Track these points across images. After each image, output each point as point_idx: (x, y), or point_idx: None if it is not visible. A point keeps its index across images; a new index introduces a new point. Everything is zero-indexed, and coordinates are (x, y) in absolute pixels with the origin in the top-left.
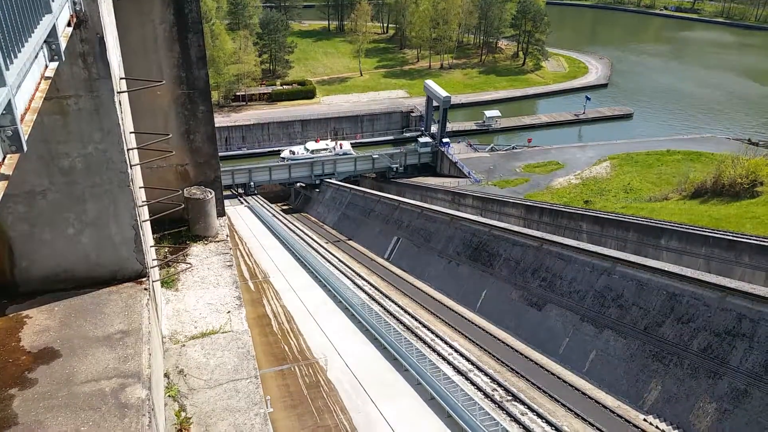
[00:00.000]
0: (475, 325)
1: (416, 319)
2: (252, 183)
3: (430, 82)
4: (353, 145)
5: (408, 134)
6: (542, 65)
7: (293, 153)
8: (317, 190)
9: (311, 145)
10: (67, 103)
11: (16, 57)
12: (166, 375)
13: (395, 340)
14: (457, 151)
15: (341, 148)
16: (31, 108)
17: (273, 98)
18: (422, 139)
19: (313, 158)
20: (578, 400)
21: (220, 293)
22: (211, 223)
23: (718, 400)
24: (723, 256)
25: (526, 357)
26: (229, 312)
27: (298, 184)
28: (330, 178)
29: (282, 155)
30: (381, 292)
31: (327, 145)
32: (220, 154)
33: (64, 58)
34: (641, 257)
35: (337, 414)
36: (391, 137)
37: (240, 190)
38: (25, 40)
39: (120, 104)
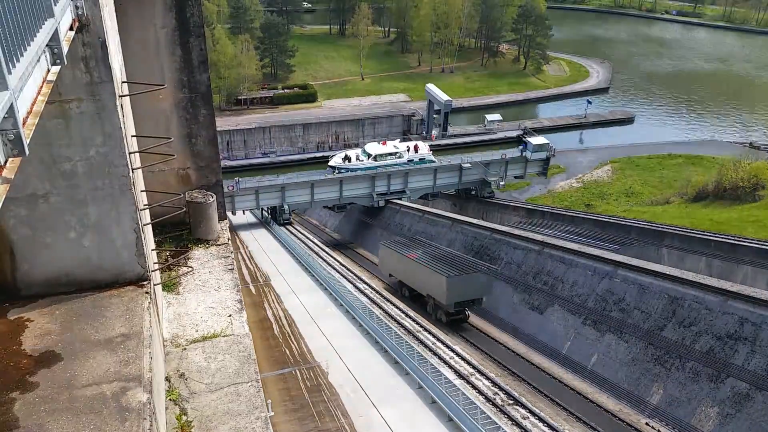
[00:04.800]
0: (477, 328)
1: (417, 323)
2: (286, 206)
3: (431, 86)
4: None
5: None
6: (543, 69)
7: (347, 160)
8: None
9: (373, 147)
10: (69, 106)
11: (18, 61)
12: (168, 379)
13: (396, 344)
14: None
15: (416, 152)
16: (33, 112)
17: (275, 102)
18: (534, 140)
19: (376, 167)
20: (580, 404)
21: (221, 297)
22: (212, 226)
23: (720, 404)
24: (725, 259)
25: (528, 360)
26: (230, 315)
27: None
28: (399, 197)
29: (331, 163)
30: (382, 296)
31: (396, 147)
32: (237, 163)
33: (66, 62)
34: (642, 261)
35: (338, 418)
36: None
37: (265, 212)
38: (27, 44)
39: (122, 108)
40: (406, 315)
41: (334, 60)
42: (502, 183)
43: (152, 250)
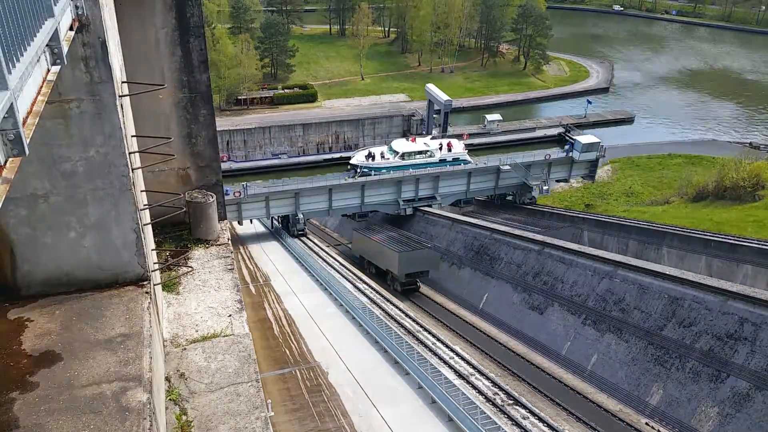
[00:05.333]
0: (477, 328)
1: (417, 323)
2: (300, 215)
3: (431, 86)
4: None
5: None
6: (543, 69)
7: (371, 157)
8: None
9: (401, 144)
10: (69, 106)
11: (18, 61)
12: (167, 378)
13: (396, 344)
14: None
15: (450, 150)
16: (33, 111)
17: (275, 102)
18: (582, 138)
19: (404, 167)
20: (580, 404)
21: (221, 297)
22: (212, 226)
23: (720, 404)
24: (725, 259)
25: (528, 360)
26: (230, 315)
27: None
28: (429, 204)
29: (353, 161)
30: (382, 296)
31: (427, 144)
32: (244, 165)
33: (66, 62)
34: (642, 261)
35: (338, 418)
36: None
37: (276, 221)
38: (27, 44)
39: (122, 108)
40: (406, 315)
41: (334, 60)
42: (546, 188)
43: (152, 250)
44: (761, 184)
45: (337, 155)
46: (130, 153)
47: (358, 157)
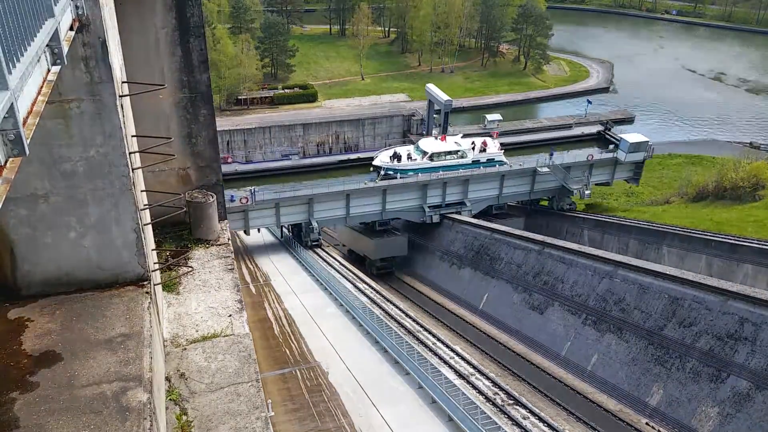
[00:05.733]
0: (477, 328)
1: (417, 323)
2: (315, 224)
3: (431, 86)
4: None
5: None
6: (543, 69)
7: (396, 158)
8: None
9: (429, 144)
10: (69, 106)
11: (18, 61)
12: (168, 378)
13: (396, 344)
14: None
15: (485, 149)
16: (33, 112)
17: (275, 102)
18: (630, 137)
19: (433, 169)
20: (580, 404)
21: (221, 297)
22: (212, 226)
23: (720, 404)
24: (725, 259)
25: (528, 360)
26: (230, 315)
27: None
28: (458, 211)
29: (376, 162)
30: (382, 296)
31: (458, 144)
32: (249, 167)
33: (66, 62)
34: (642, 261)
35: (338, 417)
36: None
37: (286, 230)
38: (27, 44)
39: (122, 108)
40: (406, 315)
41: (334, 60)
42: (587, 192)
43: (152, 250)
44: (761, 184)
45: (354, 156)
46: (130, 153)
47: (382, 158)
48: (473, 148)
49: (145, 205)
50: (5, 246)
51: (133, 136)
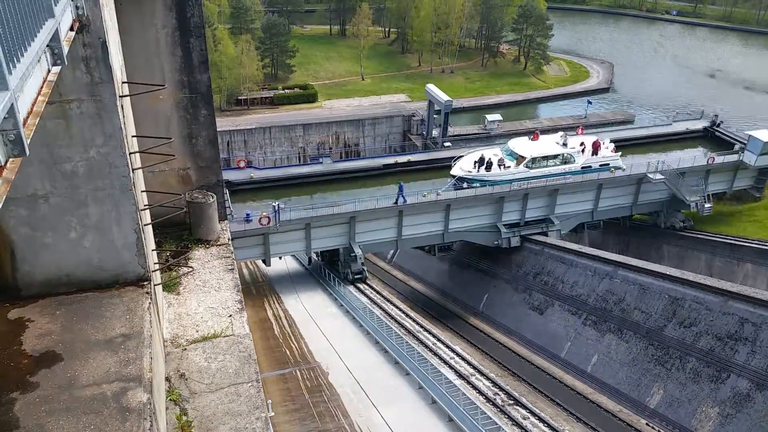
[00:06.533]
0: (477, 329)
1: (417, 323)
2: (358, 250)
3: (431, 86)
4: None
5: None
6: (544, 69)
7: (484, 166)
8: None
9: (524, 145)
10: (70, 107)
11: (18, 61)
12: (168, 379)
13: (396, 344)
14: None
15: (596, 152)
16: (33, 112)
17: (275, 102)
18: (761, 134)
19: (533, 177)
20: (580, 404)
21: (221, 297)
22: (212, 227)
23: (721, 404)
24: (725, 259)
25: (528, 361)
26: (230, 316)
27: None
28: (544, 230)
29: (455, 172)
30: (382, 296)
31: (563, 145)
32: (269, 174)
33: (66, 63)
34: (643, 261)
35: (338, 418)
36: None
37: (315, 256)
38: (27, 45)
39: (122, 108)
40: (407, 315)
41: (335, 60)
42: (708, 206)
43: (152, 250)
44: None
45: (403, 159)
46: (130, 153)
47: (464, 165)
48: (581, 151)
49: (145, 205)
50: (5, 246)
51: (133, 136)
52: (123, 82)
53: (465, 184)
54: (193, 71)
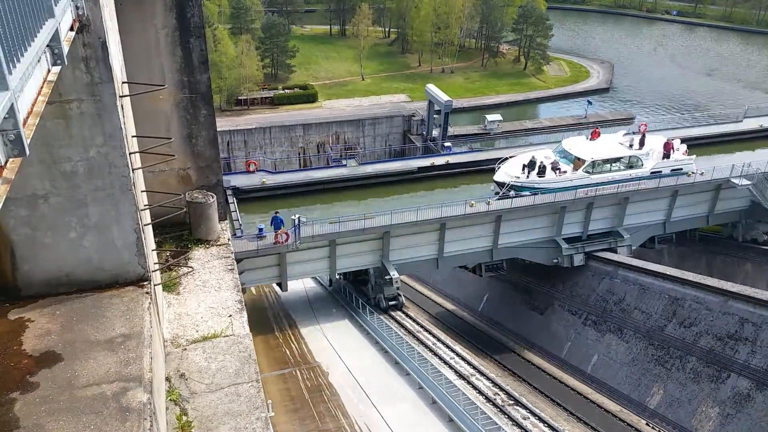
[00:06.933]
0: (477, 329)
1: (418, 323)
2: (393, 272)
3: (431, 86)
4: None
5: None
6: (544, 69)
7: (535, 170)
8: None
9: (583, 147)
10: (70, 107)
11: (18, 61)
12: (168, 379)
13: (397, 344)
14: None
15: (668, 155)
16: (33, 112)
17: (275, 102)
18: None
19: (592, 184)
20: (580, 405)
21: (221, 297)
22: (212, 227)
23: (721, 404)
24: (725, 259)
25: (528, 361)
26: (230, 316)
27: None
28: (612, 246)
29: (499, 177)
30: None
31: (631, 146)
32: (285, 179)
33: (66, 63)
34: (642, 261)
35: (338, 418)
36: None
37: (336, 278)
38: (27, 45)
39: (122, 108)
40: (406, 315)
41: (335, 60)
42: None
43: (152, 250)
44: None
45: (441, 160)
46: (130, 153)
47: (511, 170)
48: (649, 153)
49: (145, 205)
50: (5, 246)
51: (133, 136)
52: (123, 82)
53: (512, 193)
54: (193, 71)
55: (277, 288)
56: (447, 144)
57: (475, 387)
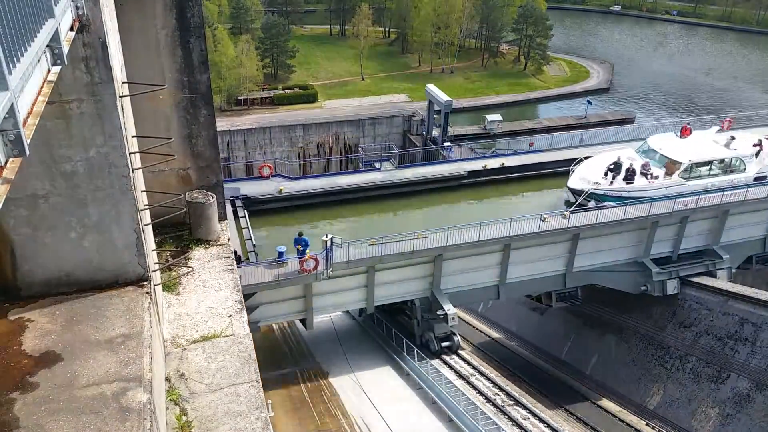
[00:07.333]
0: (477, 329)
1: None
2: (448, 307)
3: (431, 86)
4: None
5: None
6: (544, 69)
7: (622, 176)
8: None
9: (673, 147)
10: (70, 107)
11: (18, 61)
12: (168, 379)
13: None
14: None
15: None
16: (33, 112)
17: (275, 102)
18: None
19: (689, 192)
20: (580, 405)
21: (221, 297)
22: (212, 227)
23: (721, 404)
24: None
25: (528, 361)
26: (230, 316)
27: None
28: (710, 268)
29: (573, 183)
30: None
31: (734, 147)
32: (305, 186)
33: (66, 63)
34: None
35: (338, 418)
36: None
37: (382, 320)
38: (27, 45)
39: (122, 108)
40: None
41: (335, 60)
42: None
43: (152, 250)
44: None
45: (495, 163)
46: (130, 153)
47: (589, 174)
48: (754, 155)
49: (145, 205)
50: (6, 246)
51: (133, 136)
52: (123, 82)
53: (592, 202)
54: (193, 71)
55: (299, 324)
56: (447, 144)
57: (474, 387)
